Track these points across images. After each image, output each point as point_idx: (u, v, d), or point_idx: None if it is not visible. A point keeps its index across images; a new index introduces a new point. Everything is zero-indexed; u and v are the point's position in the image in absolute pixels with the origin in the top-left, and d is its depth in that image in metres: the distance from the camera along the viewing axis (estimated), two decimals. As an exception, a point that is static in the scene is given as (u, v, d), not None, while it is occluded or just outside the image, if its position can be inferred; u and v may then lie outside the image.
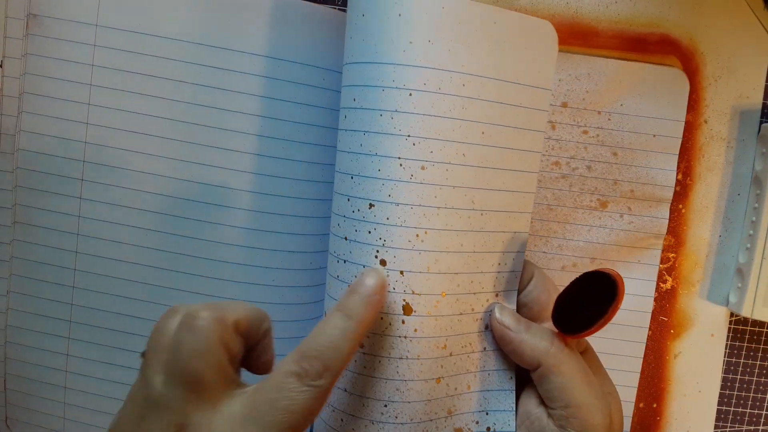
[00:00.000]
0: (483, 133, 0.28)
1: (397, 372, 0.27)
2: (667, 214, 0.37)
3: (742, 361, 0.39)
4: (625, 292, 0.26)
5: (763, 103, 0.37)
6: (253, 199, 0.33)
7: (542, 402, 0.28)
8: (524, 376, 0.29)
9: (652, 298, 0.38)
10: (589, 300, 0.26)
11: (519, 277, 0.30)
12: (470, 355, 0.29)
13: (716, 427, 0.39)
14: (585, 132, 0.37)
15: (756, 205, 0.37)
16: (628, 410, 0.38)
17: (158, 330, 0.24)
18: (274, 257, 0.34)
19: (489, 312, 0.29)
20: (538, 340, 0.27)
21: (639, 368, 0.38)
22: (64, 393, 0.36)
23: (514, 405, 0.29)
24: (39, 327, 0.35)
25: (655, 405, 0.39)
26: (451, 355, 0.28)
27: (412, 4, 0.26)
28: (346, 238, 0.28)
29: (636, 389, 0.38)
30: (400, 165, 0.27)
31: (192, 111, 0.33)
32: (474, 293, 0.29)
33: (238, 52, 0.32)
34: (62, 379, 0.36)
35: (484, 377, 0.29)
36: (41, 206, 0.34)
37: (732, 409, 0.39)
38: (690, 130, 0.37)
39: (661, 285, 0.38)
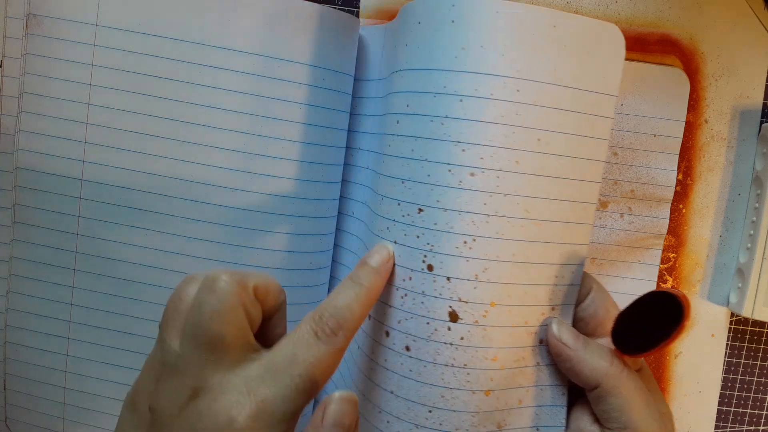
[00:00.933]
0: (539, 140, 0.27)
1: (443, 379, 0.27)
2: (667, 214, 0.37)
3: (742, 361, 0.39)
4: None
5: (764, 102, 0.37)
6: (253, 199, 0.33)
7: (596, 420, 0.27)
8: (575, 391, 0.29)
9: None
10: (650, 319, 0.25)
11: (577, 291, 0.29)
12: (523, 369, 0.28)
13: (717, 427, 0.39)
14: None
15: (756, 205, 0.37)
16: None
17: (176, 296, 0.25)
18: (274, 257, 0.34)
19: (545, 326, 0.28)
20: (597, 359, 0.26)
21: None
22: (64, 393, 0.36)
23: (565, 421, 0.28)
24: (39, 327, 0.35)
25: (655, 405, 0.39)
26: (502, 368, 0.27)
27: (465, 11, 0.26)
28: (395, 242, 0.28)
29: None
30: (449, 171, 0.27)
31: (191, 111, 0.33)
32: (528, 305, 0.28)
33: (239, 52, 0.32)
34: (62, 380, 0.36)
35: (537, 393, 0.28)
36: (41, 206, 0.34)
37: (732, 409, 0.39)
38: (690, 129, 0.37)
39: (662, 285, 0.38)
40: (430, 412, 0.27)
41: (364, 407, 0.30)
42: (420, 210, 0.27)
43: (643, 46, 0.37)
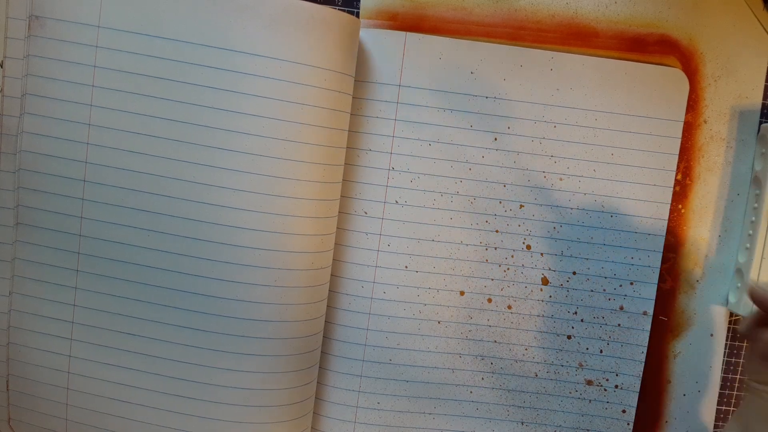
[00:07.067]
0: (612, 154, 0.36)
1: (536, 325, 0.38)
2: (666, 215, 0.37)
3: (741, 360, 0.39)
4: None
5: (763, 103, 0.37)
6: (254, 200, 0.33)
7: None
8: None
9: (653, 299, 0.38)
10: None
11: (656, 272, 0.37)
12: (602, 326, 0.38)
13: (716, 426, 0.39)
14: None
15: (755, 205, 0.37)
16: (630, 413, 0.38)
17: None
18: (276, 258, 0.34)
19: (623, 295, 0.37)
20: None
21: (641, 371, 0.38)
22: (66, 394, 0.36)
23: (641, 372, 0.38)
24: (41, 328, 0.35)
25: (654, 405, 0.39)
26: (582, 321, 0.37)
27: (562, 63, 0.36)
28: (497, 231, 0.37)
29: (638, 393, 0.38)
30: (544, 176, 0.36)
31: (193, 112, 0.33)
32: (605, 277, 0.37)
33: (240, 52, 0.32)
34: (64, 381, 0.36)
35: (617, 348, 0.38)
36: (44, 207, 0.34)
37: (732, 408, 0.39)
38: (689, 130, 0.37)
39: (661, 285, 0.38)
40: (526, 350, 0.38)
41: (464, 363, 0.38)
42: (521, 206, 0.37)
43: (643, 46, 0.37)
